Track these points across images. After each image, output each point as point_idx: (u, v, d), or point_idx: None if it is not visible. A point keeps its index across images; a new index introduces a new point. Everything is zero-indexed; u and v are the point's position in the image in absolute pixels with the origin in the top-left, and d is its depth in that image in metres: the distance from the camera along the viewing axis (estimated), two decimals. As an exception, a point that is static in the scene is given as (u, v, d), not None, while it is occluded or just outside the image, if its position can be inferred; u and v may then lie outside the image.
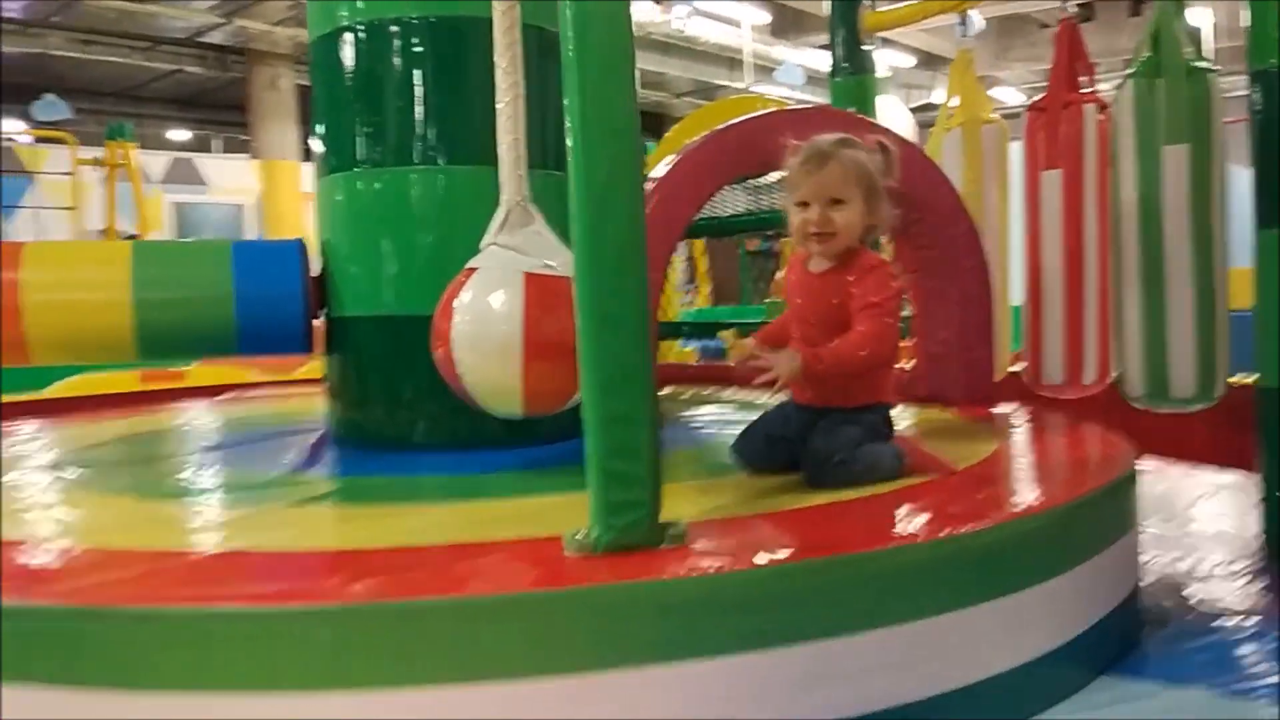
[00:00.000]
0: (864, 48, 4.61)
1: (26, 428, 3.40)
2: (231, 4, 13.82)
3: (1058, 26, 3.50)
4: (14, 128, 14.91)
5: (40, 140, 12.36)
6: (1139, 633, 2.23)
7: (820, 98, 12.38)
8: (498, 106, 2.23)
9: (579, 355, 1.64)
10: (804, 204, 2.19)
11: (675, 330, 5.24)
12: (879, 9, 4.73)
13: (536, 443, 2.75)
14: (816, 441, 2.17)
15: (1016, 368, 3.69)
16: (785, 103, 6.01)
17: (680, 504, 1.97)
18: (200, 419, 3.68)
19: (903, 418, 3.18)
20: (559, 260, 2.15)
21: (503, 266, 2.14)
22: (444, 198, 2.86)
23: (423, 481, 2.42)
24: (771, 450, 2.28)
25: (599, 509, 1.63)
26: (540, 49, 2.92)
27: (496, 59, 2.21)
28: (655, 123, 19.45)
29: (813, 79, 16.07)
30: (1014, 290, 4.03)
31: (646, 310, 1.66)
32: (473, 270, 2.20)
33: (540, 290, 2.12)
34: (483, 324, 2.11)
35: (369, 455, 2.74)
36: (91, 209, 10.39)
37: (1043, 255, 3.52)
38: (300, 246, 2.96)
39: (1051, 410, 3.25)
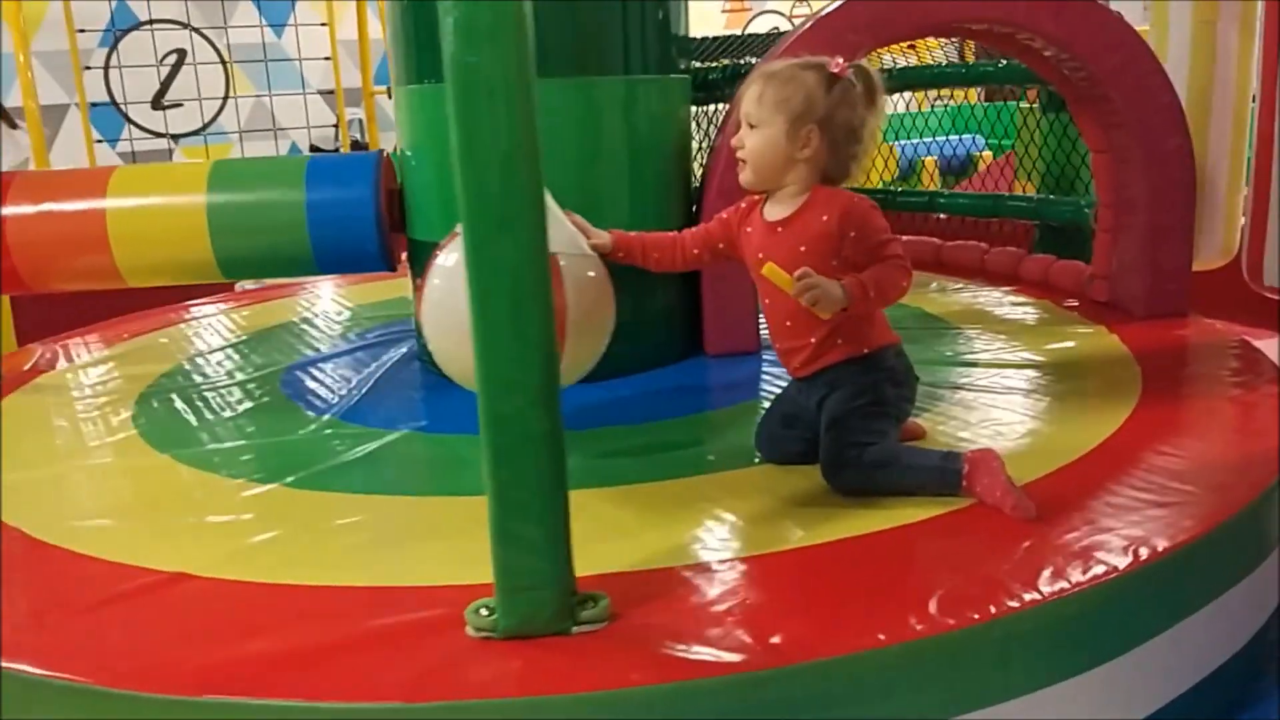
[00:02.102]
0: None
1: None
2: None
3: None
4: None
5: None
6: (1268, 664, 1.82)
7: None
8: None
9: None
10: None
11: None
12: None
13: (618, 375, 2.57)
14: (825, 443, 1.85)
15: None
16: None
17: (652, 530, 1.74)
18: (290, 314, 3.62)
19: (1040, 343, 2.73)
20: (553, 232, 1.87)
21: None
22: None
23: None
24: (790, 435, 1.98)
25: (497, 582, 1.42)
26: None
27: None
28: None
29: None
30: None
31: (551, 356, 1.38)
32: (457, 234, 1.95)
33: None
34: (452, 295, 1.88)
35: (439, 391, 2.60)
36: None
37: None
38: (376, 160, 2.79)
39: (1255, 329, 2.67)
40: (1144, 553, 1.58)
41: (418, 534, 1.82)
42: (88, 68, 9.07)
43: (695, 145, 3.22)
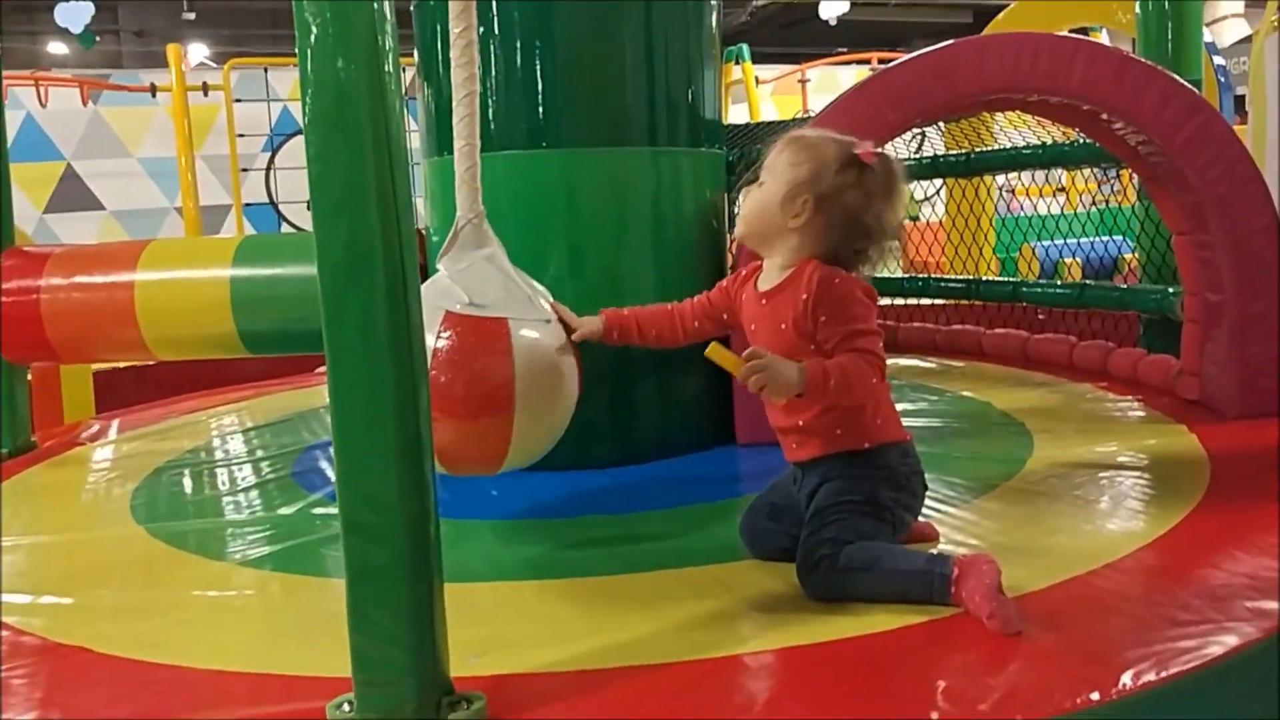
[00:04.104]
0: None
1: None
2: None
3: None
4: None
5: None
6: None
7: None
8: (454, 104, 1.82)
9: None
10: None
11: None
12: None
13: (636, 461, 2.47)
14: (802, 536, 1.64)
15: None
16: None
17: (591, 627, 1.56)
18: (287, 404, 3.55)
19: (1105, 443, 2.45)
20: (498, 298, 1.75)
21: (430, 298, 1.76)
22: (528, 184, 2.51)
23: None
24: (775, 529, 1.77)
25: (355, 674, 1.26)
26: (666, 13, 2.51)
27: (452, 44, 1.80)
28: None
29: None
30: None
31: (417, 430, 1.24)
32: None
33: (463, 334, 1.73)
34: None
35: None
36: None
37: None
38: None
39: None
40: (1144, 679, 1.31)
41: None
42: (246, 170, 9.67)
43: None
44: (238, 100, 9.71)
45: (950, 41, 2.48)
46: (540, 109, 2.51)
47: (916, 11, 17.36)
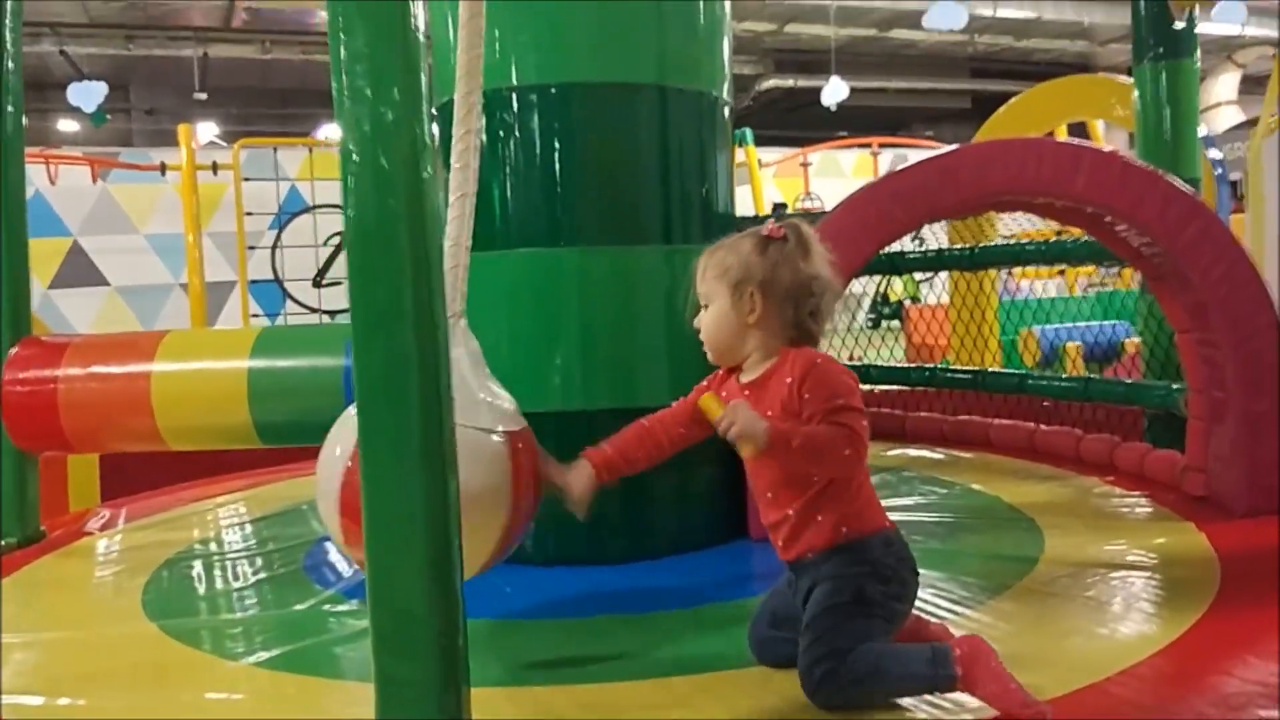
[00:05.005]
0: (1176, 26, 3.62)
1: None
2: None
3: None
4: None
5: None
6: None
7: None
8: (449, 204, 1.87)
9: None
10: None
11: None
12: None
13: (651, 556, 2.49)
14: (800, 647, 1.64)
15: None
16: (1125, 83, 4.97)
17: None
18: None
19: (1113, 541, 2.46)
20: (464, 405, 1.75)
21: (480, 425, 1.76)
22: (544, 281, 2.56)
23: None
24: (779, 636, 1.78)
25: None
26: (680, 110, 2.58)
27: (454, 145, 1.85)
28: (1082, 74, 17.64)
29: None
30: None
31: (448, 542, 1.26)
32: None
33: (520, 448, 1.76)
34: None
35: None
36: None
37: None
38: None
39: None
40: None
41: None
42: (253, 248, 9.78)
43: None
44: (246, 179, 9.85)
45: (956, 146, 2.55)
46: (557, 206, 2.57)
47: (915, 97, 17.69)
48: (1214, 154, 5.91)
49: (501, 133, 2.59)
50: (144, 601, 2.38)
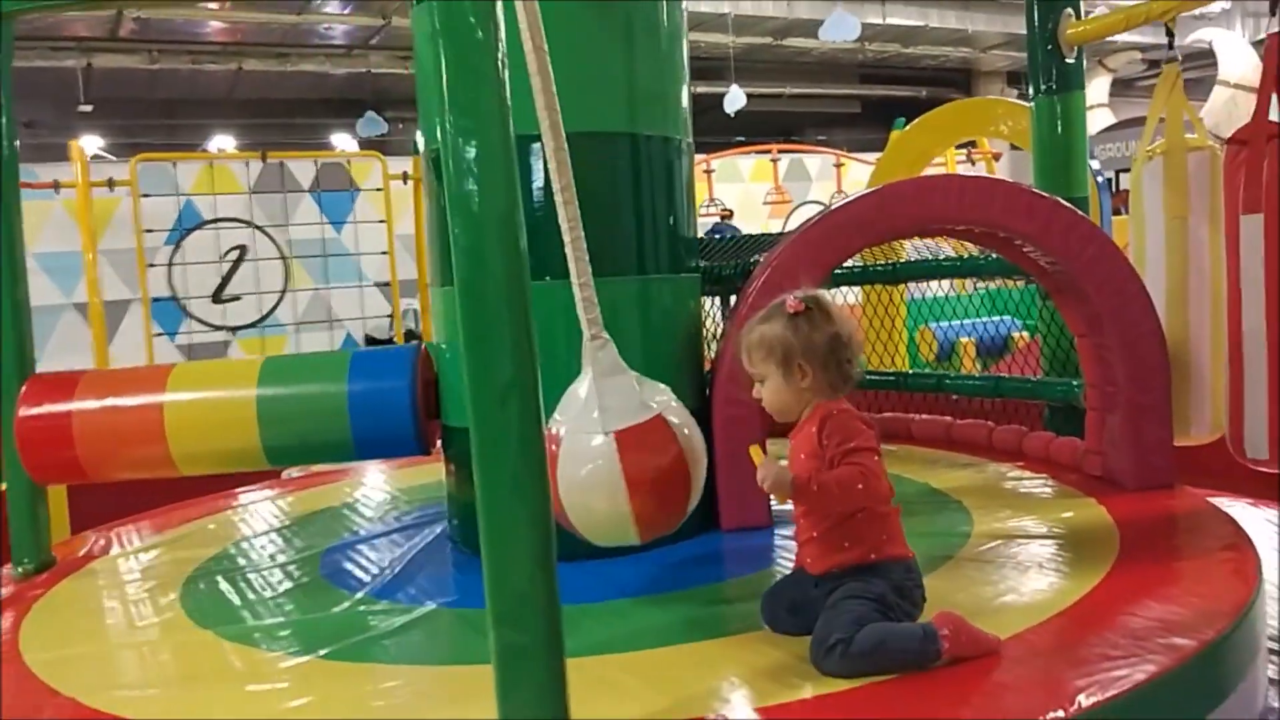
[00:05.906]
0: (1067, 61, 4.09)
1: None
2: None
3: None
4: (344, 143, 16.28)
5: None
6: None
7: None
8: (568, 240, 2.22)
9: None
10: None
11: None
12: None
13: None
14: (818, 624, 2.01)
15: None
16: (1023, 107, 5.48)
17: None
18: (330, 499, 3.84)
19: (1031, 515, 2.90)
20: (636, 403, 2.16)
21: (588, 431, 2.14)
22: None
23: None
24: (794, 621, 2.15)
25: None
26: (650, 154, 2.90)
27: (558, 195, 2.19)
28: (965, 79, 18.45)
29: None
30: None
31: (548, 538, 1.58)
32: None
33: (633, 442, 2.11)
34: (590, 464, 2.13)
35: (467, 569, 2.79)
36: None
37: (1245, 309, 3.04)
38: (414, 353, 3.06)
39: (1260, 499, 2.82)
40: (1092, 700, 1.76)
41: (440, 700, 1.98)
42: (152, 265, 9.65)
43: (708, 332, 3.49)
44: (144, 195, 9.66)
45: (895, 181, 2.95)
46: (542, 244, 2.86)
47: (808, 102, 18.30)
48: (1093, 164, 6.49)
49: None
50: (187, 611, 2.62)
